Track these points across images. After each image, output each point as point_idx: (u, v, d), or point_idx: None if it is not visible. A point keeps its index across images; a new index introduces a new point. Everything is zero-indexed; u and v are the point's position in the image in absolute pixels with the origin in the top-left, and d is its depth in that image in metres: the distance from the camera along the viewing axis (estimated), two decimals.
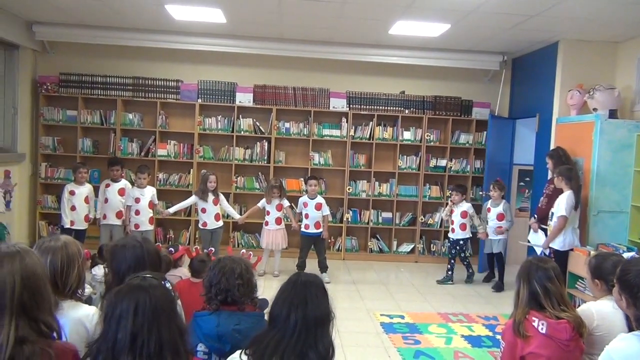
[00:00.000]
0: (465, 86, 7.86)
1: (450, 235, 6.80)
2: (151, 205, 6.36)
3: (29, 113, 7.32)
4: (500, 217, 6.51)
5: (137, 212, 6.27)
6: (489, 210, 6.63)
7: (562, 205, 5.25)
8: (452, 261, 6.73)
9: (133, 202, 6.28)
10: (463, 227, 6.63)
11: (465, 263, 6.75)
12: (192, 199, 6.44)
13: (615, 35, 6.07)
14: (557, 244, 5.33)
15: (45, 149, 7.34)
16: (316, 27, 6.59)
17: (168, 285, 2.12)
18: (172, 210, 6.52)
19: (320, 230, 6.51)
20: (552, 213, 5.40)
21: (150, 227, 6.39)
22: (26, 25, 6.95)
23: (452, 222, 6.72)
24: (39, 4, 6.09)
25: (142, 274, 2.01)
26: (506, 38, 6.58)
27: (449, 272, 6.70)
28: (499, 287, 6.51)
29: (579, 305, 4.83)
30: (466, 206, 6.66)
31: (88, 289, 3.52)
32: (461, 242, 6.67)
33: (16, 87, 7.01)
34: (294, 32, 6.90)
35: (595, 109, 5.86)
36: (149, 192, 6.35)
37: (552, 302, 2.62)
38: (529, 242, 5.98)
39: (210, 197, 6.33)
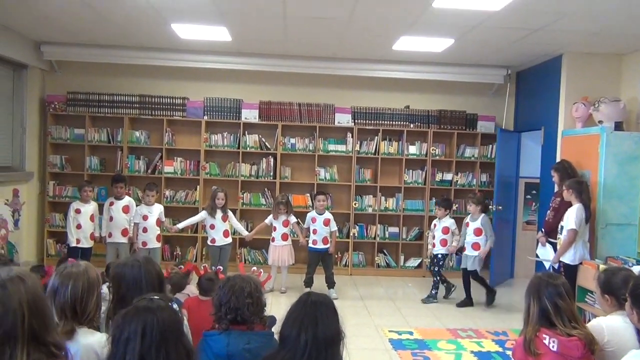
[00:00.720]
0: (469, 100, 7.88)
1: (430, 249, 6.69)
2: (159, 222, 6.35)
3: (37, 132, 7.39)
4: (477, 232, 6.28)
5: (145, 230, 6.26)
6: (467, 225, 6.44)
7: (572, 218, 5.20)
8: (436, 278, 6.57)
9: (140, 220, 6.28)
10: (443, 242, 6.48)
11: (437, 278, 6.55)
12: (201, 215, 6.44)
13: (620, 47, 6.09)
14: (568, 258, 5.28)
15: (53, 167, 7.39)
16: (321, 44, 6.65)
17: (175, 306, 2.12)
18: (180, 226, 6.51)
19: (328, 245, 6.50)
20: (562, 226, 5.36)
21: (158, 245, 6.37)
22: (34, 46, 7.04)
23: (434, 237, 6.60)
24: (48, 25, 6.18)
25: (149, 295, 2.01)
26: (510, 52, 6.61)
27: (433, 291, 6.52)
28: (488, 301, 6.35)
29: (589, 319, 4.83)
30: (449, 222, 6.52)
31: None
32: (439, 256, 6.53)
33: (24, 106, 7.09)
34: (298, 49, 6.96)
35: (600, 122, 5.86)
36: (157, 210, 6.35)
37: (563, 319, 2.59)
38: (537, 256, 5.94)
39: (219, 213, 6.33)
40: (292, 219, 6.64)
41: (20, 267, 1.89)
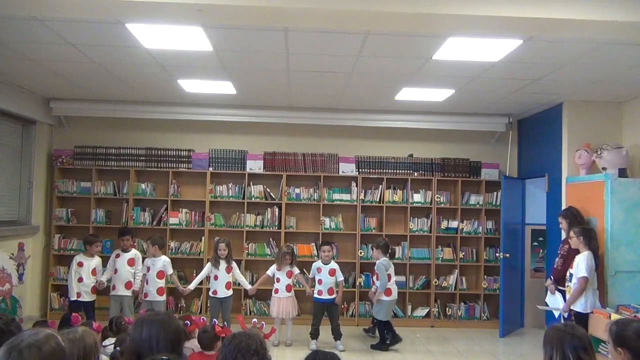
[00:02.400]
0: (472, 148, 7.94)
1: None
2: (161, 275, 6.28)
3: (44, 185, 7.46)
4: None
5: (147, 282, 6.22)
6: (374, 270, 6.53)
7: (582, 265, 5.15)
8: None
9: (145, 271, 6.26)
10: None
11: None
12: (207, 268, 6.39)
13: (619, 95, 6.17)
14: (579, 307, 5.19)
15: (58, 220, 7.42)
16: (324, 96, 6.77)
17: None
18: (192, 286, 6.42)
19: (334, 296, 6.42)
20: (571, 274, 5.30)
21: (160, 298, 6.23)
22: (43, 102, 7.20)
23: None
24: (57, 82, 6.33)
25: (159, 356, 1.99)
26: (511, 100, 6.71)
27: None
28: (377, 346, 6.38)
29: None
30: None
31: None
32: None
33: (32, 161, 7.19)
34: (302, 100, 7.09)
35: (604, 168, 5.88)
36: (160, 263, 6.28)
37: None
38: (547, 305, 5.84)
39: (223, 264, 6.29)
40: (296, 270, 6.57)
41: (48, 332, 1.88)
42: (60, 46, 4.86)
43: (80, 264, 6.21)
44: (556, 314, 5.59)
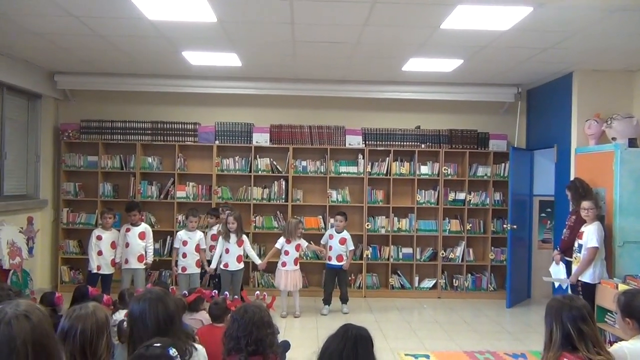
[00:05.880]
0: (480, 119, 7.86)
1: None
2: (197, 248, 6.35)
3: (51, 160, 7.48)
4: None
5: (184, 255, 6.30)
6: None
7: (592, 235, 5.14)
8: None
9: (180, 245, 6.33)
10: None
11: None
12: (220, 243, 6.38)
13: (630, 64, 6.06)
14: (587, 277, 5.20)
15: (66, 194, 7.46)
16: (330, 67, 6.69)
17: (173, 351, 2.10)
18: (213, 265, 6.40)
19: (343, 262, 6.61)
20: (579, 245, 5.29)
21: (197, 270, 6.37)
22: (48, 76, 7.16)
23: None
24: (61, 55, 6.29)
25: (153, 341, 2.02)
26: (520, 70, 6.61)
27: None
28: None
29: (610, 340, 4.73)
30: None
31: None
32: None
33: (39, 135, 7.20)
34: (308, 72, 7.01)
35: (614, 138, 5.81)
36: (197, 236, 6.36)
37: (587, 344, 2.48)
38: (550, 274, 5.84)
39: (234, 238, 6.32)
40: (304, 242, 6.62)
41: (28, 301, 1.82)
42: (63, 19, 4.80)
43: (99, 238, 6.30)
44: (563, 284, 5.60)
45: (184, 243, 6.32)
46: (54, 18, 4.81)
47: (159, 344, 2.00)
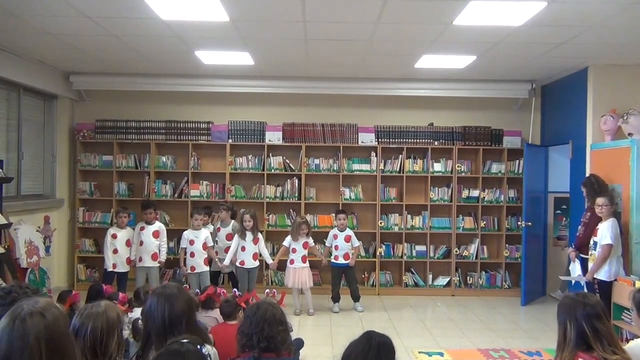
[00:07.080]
0: (494, 115, 7.80)
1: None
2: (205, 246, 6.36)
3: (66, 159, 7.57)
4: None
5: (192, 254, 6.31)
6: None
7: (607, 232, 5.08)
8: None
9: (187, 245, 6.34)
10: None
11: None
12: (235, 241, 6.42)
13: None
14: (603, 274, 5.15)
15: (82, 193, 7.54)
16: (342, 65, 6.69)
17: (206, 350, 2.11)
18: (227, 262, 6.40)
19: (349, 260, 6.63)
20: (594, 242, 5.24)
21: (207, 268, 6.38)
22: (64, 76, 7.24)
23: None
24: (77, 56, 6.35)
25: (180, 338, 2.03)
26: (534, 66, 6.55)
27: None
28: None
29: (626, 338, 4.67)
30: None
31: (125, 332, 3.54)
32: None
33: (55, 135, 7.29)
34: (320, 70, 7.01)
35: (630, 134, 5.74)
36: (203, 234, 6.37)
37: (602, 343, 2.42)
38: (569, 273, 5.78)
39: (250, 236, 6.35)
40: (311, 241, 6.65)
41: (47, 299, 1.83)
42: (78, 20, 4.86)
43: (114, 236, 6.37)
44: (581, 281, 5.54)
45: (191, 242, 6.33)
46: (69, 19, 4.87)
47: (187, 340, 2.01)
